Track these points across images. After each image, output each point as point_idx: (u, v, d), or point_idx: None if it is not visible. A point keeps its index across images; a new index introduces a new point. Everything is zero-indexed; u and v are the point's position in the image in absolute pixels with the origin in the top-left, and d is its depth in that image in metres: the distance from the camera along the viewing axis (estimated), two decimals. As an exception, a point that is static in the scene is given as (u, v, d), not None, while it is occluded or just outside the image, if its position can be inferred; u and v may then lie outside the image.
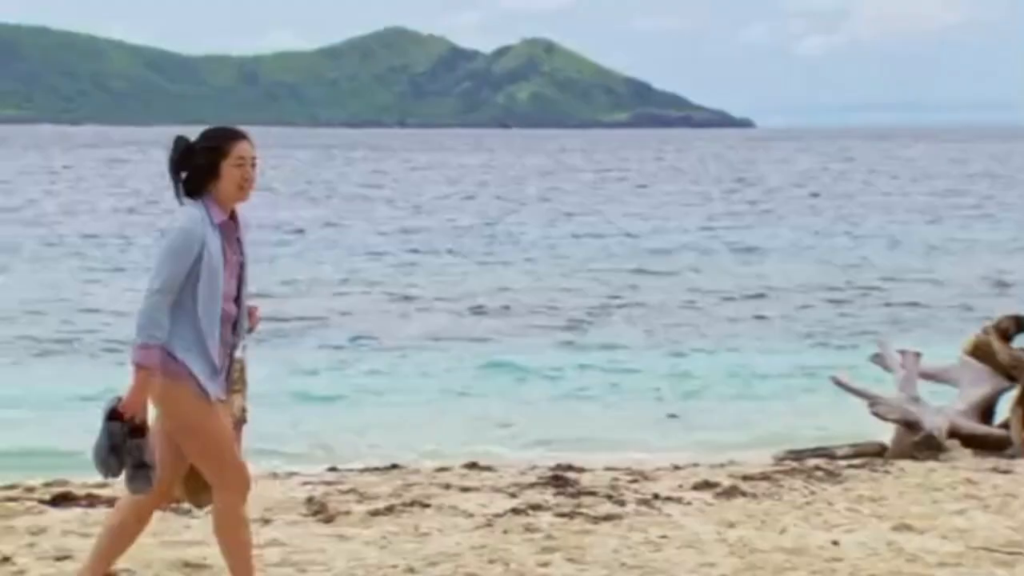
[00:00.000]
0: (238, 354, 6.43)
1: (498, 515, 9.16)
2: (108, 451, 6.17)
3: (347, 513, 9.17)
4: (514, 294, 27.43)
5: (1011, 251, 36.18)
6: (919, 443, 12.18)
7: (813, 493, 10.12)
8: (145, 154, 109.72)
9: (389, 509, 9.35)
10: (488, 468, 11.66)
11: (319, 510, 9.30)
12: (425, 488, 10.14)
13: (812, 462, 11.83)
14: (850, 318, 24.49)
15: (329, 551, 8.19)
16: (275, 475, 11.22)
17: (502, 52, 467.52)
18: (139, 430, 6.15)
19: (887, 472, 11.05)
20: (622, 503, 9.65)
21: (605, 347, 21.35)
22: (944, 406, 12.88)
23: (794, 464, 11.74)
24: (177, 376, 6.18)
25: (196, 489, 6.49)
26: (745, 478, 10.67)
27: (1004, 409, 12.93)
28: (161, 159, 6.77)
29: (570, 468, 11.30)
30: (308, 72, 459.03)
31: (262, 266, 29.06)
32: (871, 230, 43.17)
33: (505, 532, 8.72)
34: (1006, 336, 13.04)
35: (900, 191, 64.74)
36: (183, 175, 6.34)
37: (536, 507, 9.40)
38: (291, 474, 11.36)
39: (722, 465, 11.91)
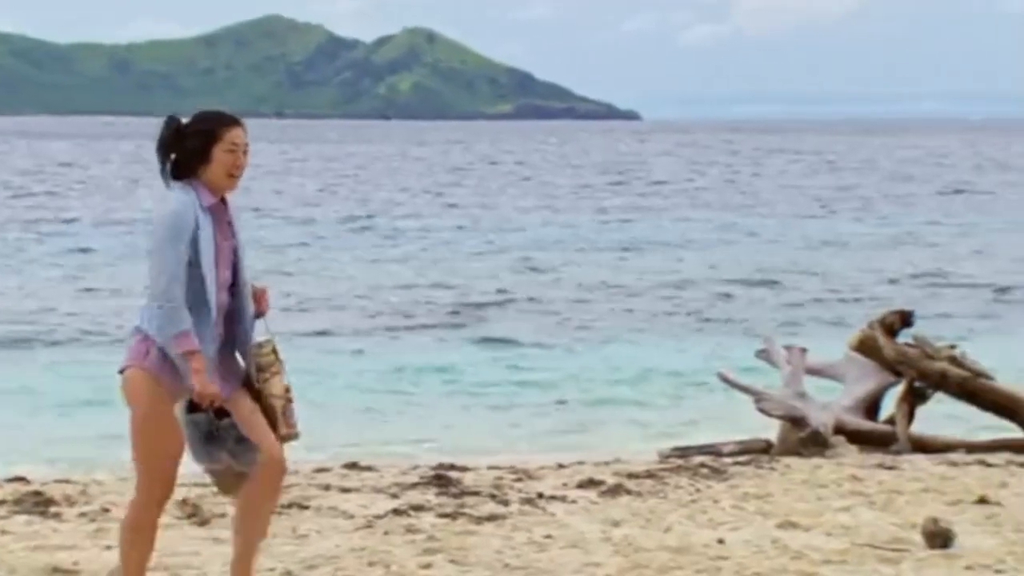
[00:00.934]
0: (261, 338, 6.33)
1: (379, 516, 9.15)
2: (204, 442, 6.17)
3: (222, 515, 9.10)
4: (395, 288, 27.39)
5: (896, 246, 36.75)
6: (805, 440, 12.33)
7: (699, 491, 10.23)
8: (10, 144, 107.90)
9: (266, 511, 9.29)
10: (369, 468, 11.64)
11: (193, 512, 9.23)
12: (303, 489, 10.10)
13: (698, 459, 11.94)
14: (739, 313, 24.75)
15: (204, 554, 8.13)
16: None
17: (383, 41, 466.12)
18: (222, 412, 6.16)
19: (773, 469, 11.19)
20: (506, 503, 9.68)
21: (491, 341, 21.41)
22: (830, 402, 13.06)
23: (680, 462, 11.84)
24: (148, 364, 6.11)
25: (228, 482, 6.39)
26: (630, 476, 10.75)
27: (890, 405, 13.16)
28: (31, 149, 6.66)
29: (452, 467, 11.31)
30: (182, 61, 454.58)
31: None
32: (759, 224, 43.64)
33: (386, 534, 8.71)
34: (892, 331, 13.26)
35: (790, 184, 65.44)
36: (172, 157, 6.26)
37: (418, 508, 9.40)
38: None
39: (607, 463, 11.98)
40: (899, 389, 13.05)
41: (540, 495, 9.97)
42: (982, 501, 9.68)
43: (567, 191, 60.76)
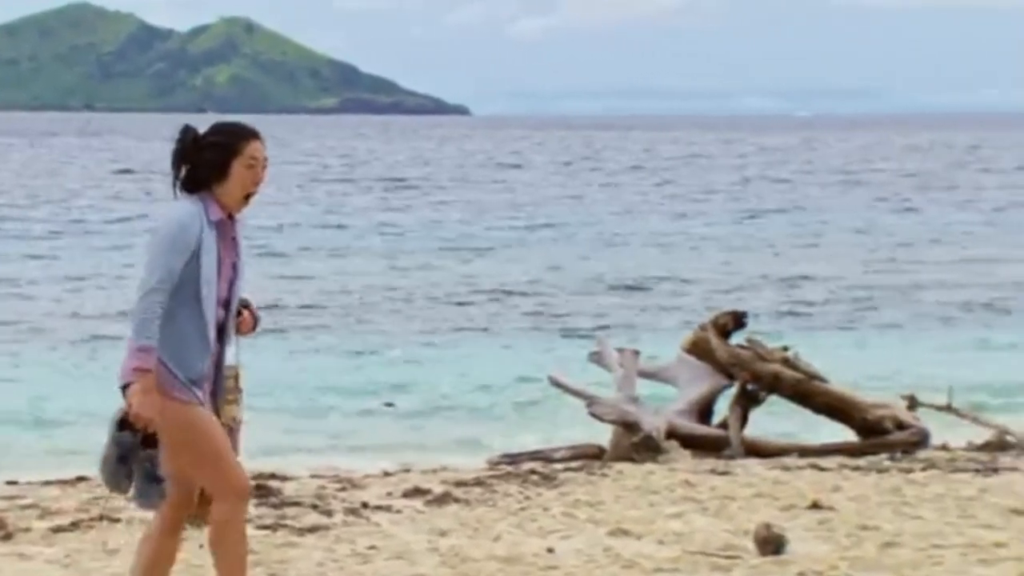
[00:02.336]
0: (230, 361, 6.26)
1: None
2: (117, 463, 6.03)
3: (27, 530, 8.97)
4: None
5: (734, 248, 37.29)
6: (637, 445, 12.46)
7: (528, 498, 10.29)
8: None
9: (74, 525, 9.18)
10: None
11: (-4, 528, 9.07)
12: (114, 501, 9.97)
13: (528, 466, 12.02)
14: (574, 315, 24.93)
15: (6, 572, 8.00)
16: (-54, 491, 10.89)
17: (199, 31, 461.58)
18: (150, 440, 6.01)
19: (605, 475, 11.29)
20: (329, 513, 9.66)
21: (313, 346, 21.32)
22: (662, 406, 13.22)
23: (509, 469, 11.90)
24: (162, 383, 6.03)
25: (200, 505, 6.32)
26: (458, 484, 10.79)
27: (723, 408, 13.36)
28: None
29: (273, 476, 11.25)
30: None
31: None
32: (598, 223, 43.98)
33: (202, 547, 8.62)
34: (725, 333, 13.44)
35: (627, 183, 66.04)
36: (184, 168, 6.15)
37: (236, 519, 9.33)
38: (-36, 489, 11.04)
39: (434, 471, 12.01)
40: (732, 392, 13.26)
41: (365, 505, 9.97)
42: (815, 506, 9.87)
43: (404, 189, 60.70)
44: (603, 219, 45.49)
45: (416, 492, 10.43)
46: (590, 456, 12.78)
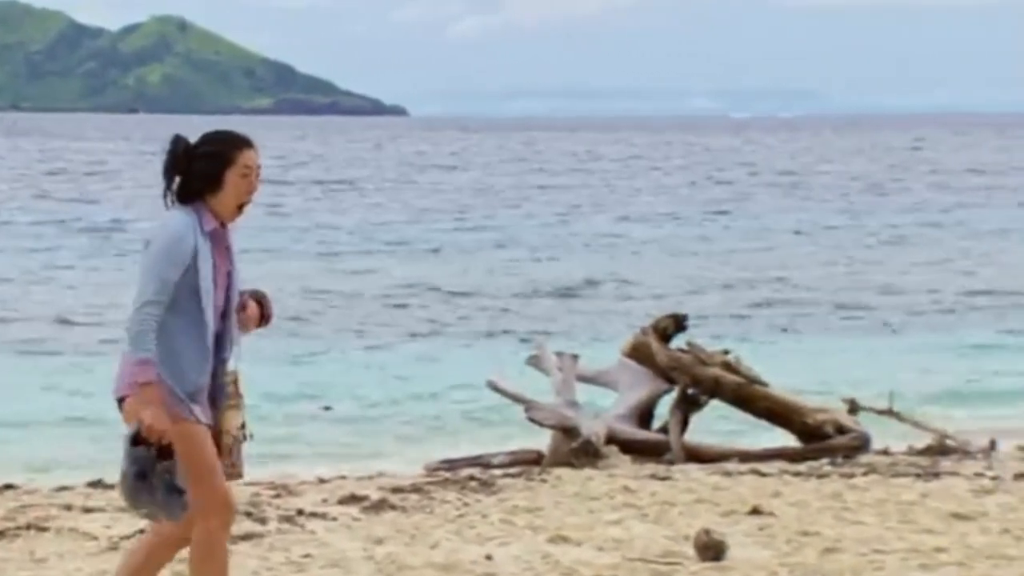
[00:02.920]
0: (231, 366, 6.27)
1: (125, 537, 9.05)
2: (136, 480, 6.02)
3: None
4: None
5: (676, 251, 37.42)
6: (577, 450, 12.49)
7: (467, 505, 10.31)
8: None
9: (1, 534, 9.12)
10: (115, 486, 11.48)
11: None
12: (43, 509, 9.94)
13: (466, 472, 12.05)
14: (514, 318, 24.94)
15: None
16: None
17: (130, 30, 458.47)
18: (166, 452, 6.00)
19: (544, 481, 11.33)
20: (263, 520, 9.64)
21: (251, 345, 21.20)
22: (602, 411, 13.27)
23: (447, 475, 11.93)
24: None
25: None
26: (395, 490, 10.80)
27: (663, 413, 13.42)
28: None
29: (206, 484, 11.20)
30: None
31: None
32: (539, 225, 44.03)
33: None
34: (665, 336, 13.49)
35: (569, 185, 66.08)
36: (177, 179, 6.15)
37: (167, 527, 9.30)
38: None
39: (371, 477, 12.02)
40: (673, 396, 13.32)
41: (300, 512, 9.96)
42: (755, 511, 9.94)
43: (341, 190, 60.59)
44: (545, 221, 45.54)
45: (352, 499, 10.43)
46: (529, 462, 12.81)
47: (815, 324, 24.72)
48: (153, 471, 6.07)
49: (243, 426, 6.46)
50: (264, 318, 6.51)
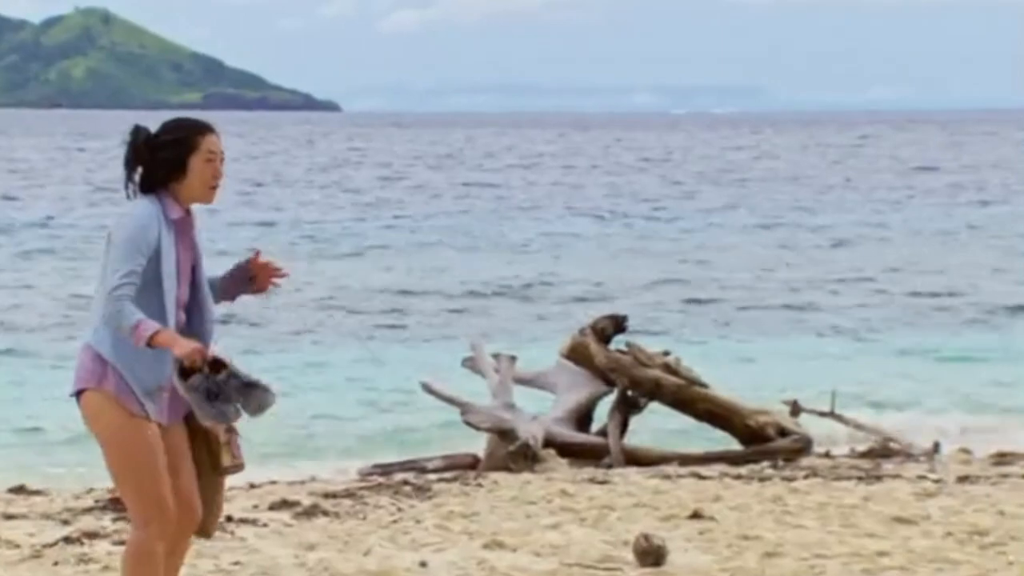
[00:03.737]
0: (218, 352, 6.16)
1: (48, 545, 8.99)
2: (210, 403, 6.05)
3: None
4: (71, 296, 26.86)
5: (616, 250, 37.48)
6: (514, 454, 12.52)
7: (401, 510, 10.31)
8: None
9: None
10: (38, 492, 11.43)
11: None
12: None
13: (400, 477, 12.05)
14: (451, 319, 24.93)
15: None
16: None
17: (52, 22, 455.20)
18: (217, 365, 6.05)
19: (480, 486, 11.34)
20: (190, 527, 9.59)
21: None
22: (539, 413, 13.29)
23: (381, 480, 11.92)
24: (107, 385, 6.00)
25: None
26: (327, 496, 10.78)
27: (602, 415, 13.46)
28: None
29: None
30: None
31: None
32: (476, 223, 44.03)
33: (56, 564, 8.57)
34: (604, 338, 13.53)
35: (505, 182, 66.14)
36: (139, 169, 6.12)
37: (92, 535, 9.27)
38: None
39: (302, 482, 12.00)
40: (611, 398, 13.36)
41: (229, 518, 9.91)
42: (695, 516, 9.98)
43: (274, 188, 60.40)
44: (482, 219, 45.57)
45: (283, 505, 10.40)
46: (464, 466, 12.82)
47: (756, 326, 24.82)
48: (219, 385, 6.10)
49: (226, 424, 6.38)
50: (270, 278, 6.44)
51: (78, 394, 6.12)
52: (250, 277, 6.48)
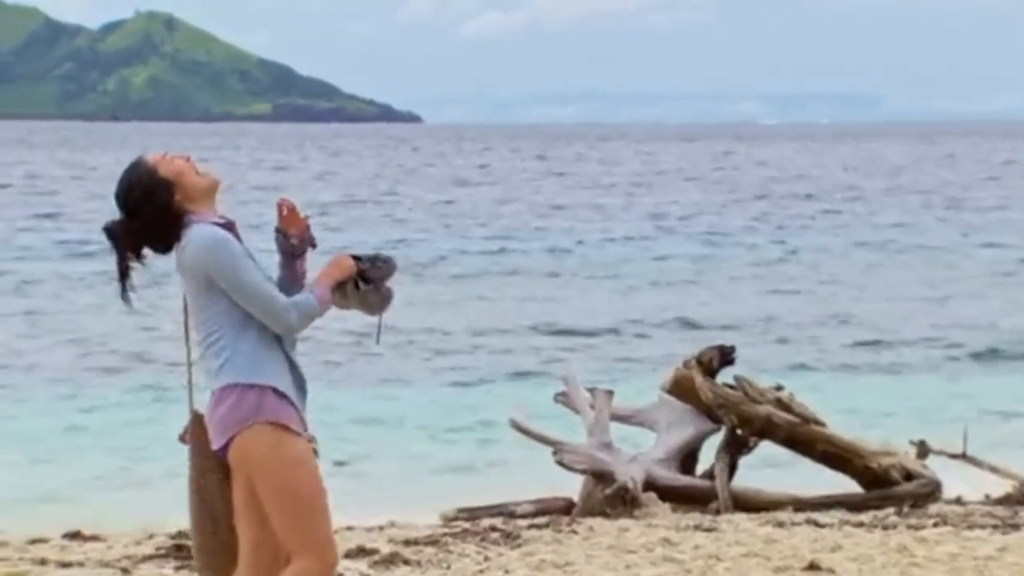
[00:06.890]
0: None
1: (106, 595, 9.07)
2: (378, 290, 6.40)
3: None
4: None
5: (722, 278, 37.34)
6: (611, 497, 12.50)
7: (487, 559, 10.31)
8: None
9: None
10: (95, 538, 11.51)
11: None
12: (13, 564, 9.96)
13: (487, 522, 12.05)
14: (538, 354, 24.87)
15: None
16: None
17: (112, 28, 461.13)
18: (364, 276, 6.41)
19: (574, 532, 11.33)
20: (260, 576, 9.64)
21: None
22: (640, 453, 13.25)
23: (466, 525, 11.94)
24: (266, 412, 6.07)
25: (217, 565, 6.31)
26: (408, 543, 10.80)
27: (709, 455, 13.39)
28: None
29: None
30: None
31: None
32: (571, 248, 44.09)
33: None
34: (710, 370, 13.46)
35: (604, 204, 66.12)
36: (143, 247, 6.26)
37: (154, 584, 9.34)
38: None
39: (381, 528, 12.02)
40: (719, 438, 13.29)
41: (300, 567, 9.96)
42: (812, 567, 9.92)
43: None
44: (583, 241, 45.53)
45: (360, 552, 10.44)
46: (557, 511, 12.81)
47: (877, 360, 24.55)
48: (375, 282, 6.40)
49: None
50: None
51: (227, 443, 6.09)
52: (285, 236, 6.43)
